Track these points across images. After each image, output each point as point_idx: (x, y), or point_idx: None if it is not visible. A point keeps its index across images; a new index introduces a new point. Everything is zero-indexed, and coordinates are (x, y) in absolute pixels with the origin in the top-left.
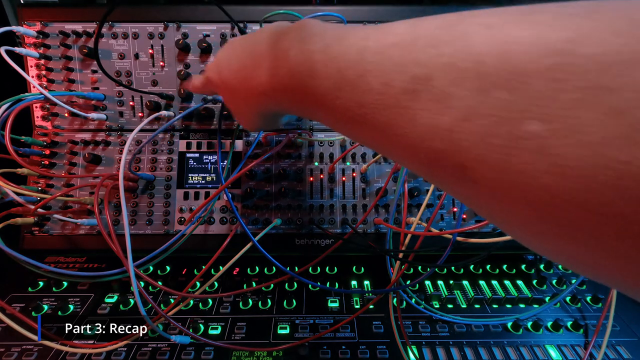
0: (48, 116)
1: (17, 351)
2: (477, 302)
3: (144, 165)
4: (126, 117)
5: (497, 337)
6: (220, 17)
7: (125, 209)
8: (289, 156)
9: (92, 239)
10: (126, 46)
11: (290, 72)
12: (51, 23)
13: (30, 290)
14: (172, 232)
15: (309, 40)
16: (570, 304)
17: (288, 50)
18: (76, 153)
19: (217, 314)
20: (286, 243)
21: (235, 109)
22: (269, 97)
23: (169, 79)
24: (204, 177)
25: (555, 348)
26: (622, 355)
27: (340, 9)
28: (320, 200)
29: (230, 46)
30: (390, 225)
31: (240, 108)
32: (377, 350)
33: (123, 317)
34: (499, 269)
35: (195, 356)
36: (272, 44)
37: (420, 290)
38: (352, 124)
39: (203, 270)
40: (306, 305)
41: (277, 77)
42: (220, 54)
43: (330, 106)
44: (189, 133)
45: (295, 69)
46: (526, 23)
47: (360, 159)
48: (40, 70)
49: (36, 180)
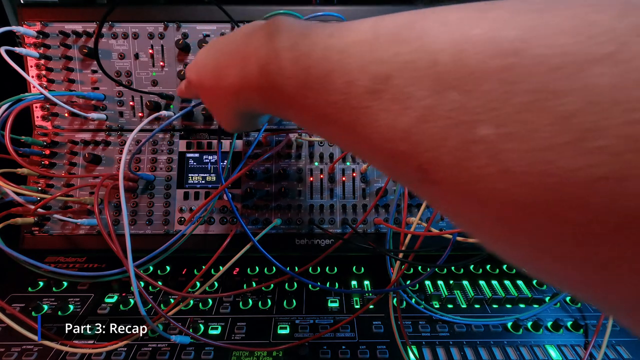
0: (48, 116)
1: (17, 351)
2: (477, 302)
3: (144, 165)
4: (126, 117)
5: (497, 337)
6: (220, 17)
7: (125, 209)
8: (289, 156)
9: (92, 239)
10: (126, 46)
11: (260, 71)
12: (51, 23)
13: (30, 290)
14: (172, 232)
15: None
16: (570, 304)
17: (257, 48)
18: (76, 153)
19: (217, 314)
20: (286, 243)
21: (213, 109)
22: (241, 97)
23: (169, 79)
24: (204, 177)
25: (555, 348)
26: (622, 355)
27: (340, 9)
28: (320, 200)
29: (209, 46)
30: (390, 225)
31: (217, 108)
32: (377, 350)
33: (123, 317)
34: (499, 269)
35: (195, 356)
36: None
37: (420, 290)
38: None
39: (203, 270)
40: (306, 305)
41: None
42: (199, 54)
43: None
44: (189, 133)
45: (264, 68)
46: (481, 20)
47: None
48: (40, 70)
49: (36, 180)
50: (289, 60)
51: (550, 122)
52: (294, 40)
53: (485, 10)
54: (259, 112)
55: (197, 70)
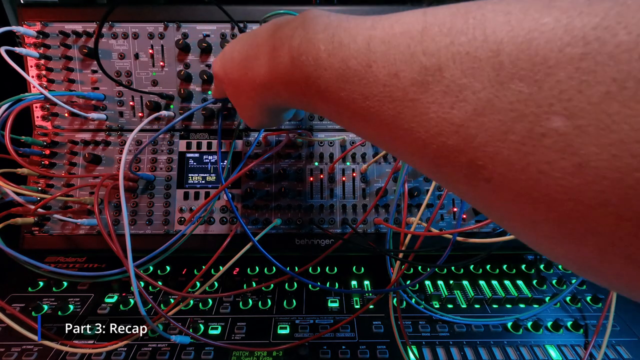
0: (48, 116)
1: (17, 351)
2: (477, 302)
3: (144, 165)
4: (126, 117)
5: (497, 337)
6: (220, 17)
7: (125, 209)
8: (289, 156)
9: (92, 239)
10: (126, 46)
11: (292, 62)
12: (51, 23)
13: (30, 290)
14: (172, 232)
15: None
16: (570, 304)
17: (290, 38)
18: (76, 153)
19: (217, 314)
20: (286, 243)
21: (238, 104)
22: (269, 89)
23: (169, 79)
24: (204, 177)
25: (555, 348)
26: (622, 355)
27: (340, 9)
28: (320, 200)
29: (236, 39)
30: (390, 225)
31: (242, 102)
32: (377, 350)
33: (123, 317)
34: (499, 269)
35: (195, 356)
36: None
37: (420, 290)
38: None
39: (203, 270)
40: (306, 305)
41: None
42: (226, 48)
43: (333, 98)
44: (189, 133)
45: (297, 59)
46: (550, 8)
47: (360, 159)
48: (40, 70)
49: (36, 180)
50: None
51: (636, 112)
52: (332, 32)
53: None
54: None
55: (222, 63)
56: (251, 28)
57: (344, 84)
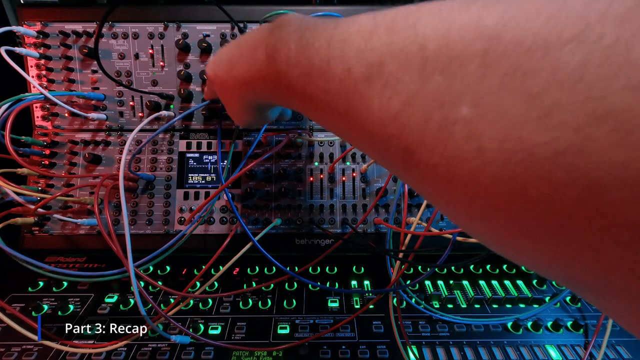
0: (48, 116)
1: (17, 351)
2: (477, 302)
3: (144, 165)
4: (126, 117)
5: (497, 337)
6: (220, 17)
7: (125, 209)
8: (289, 156)
9: (92, 239)
10: (126, 46)
11: (267, 59)
12: (51, 23)
13: (30, 290)
14: (172, 232)
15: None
16: (570, 304)
17: (267, 38)
18: (76, 153)
19: (217, 314)
20: (286, 243)
21: (225, 102)
22: (249, 85)
23: (169, 79)
24: (204, 177)
25: (555, 348)
26: (622, 355)
27: (340, 9)
28: (320, 200)
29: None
30: (390, 225)
31: (229, 100)
32: (377, 350)
33: (123, 317)
34: (499, 269)
35: (195, 356)
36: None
37: (420, 290)
38: (319, 111)
39: (203, 270)
40: (306, 305)
41: (255, 65)
42: (217, 52)
43: (300, 93)
44: (189, 133)
45: (271, 56)
46: (470, 7)
47: (360, 158)
48: (40, 70)
49: (36, 180)
50: (295, 50)
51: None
52: (302, 32)
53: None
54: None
55: (213, 66)
56: (251, 28)
57: (309, 79)
